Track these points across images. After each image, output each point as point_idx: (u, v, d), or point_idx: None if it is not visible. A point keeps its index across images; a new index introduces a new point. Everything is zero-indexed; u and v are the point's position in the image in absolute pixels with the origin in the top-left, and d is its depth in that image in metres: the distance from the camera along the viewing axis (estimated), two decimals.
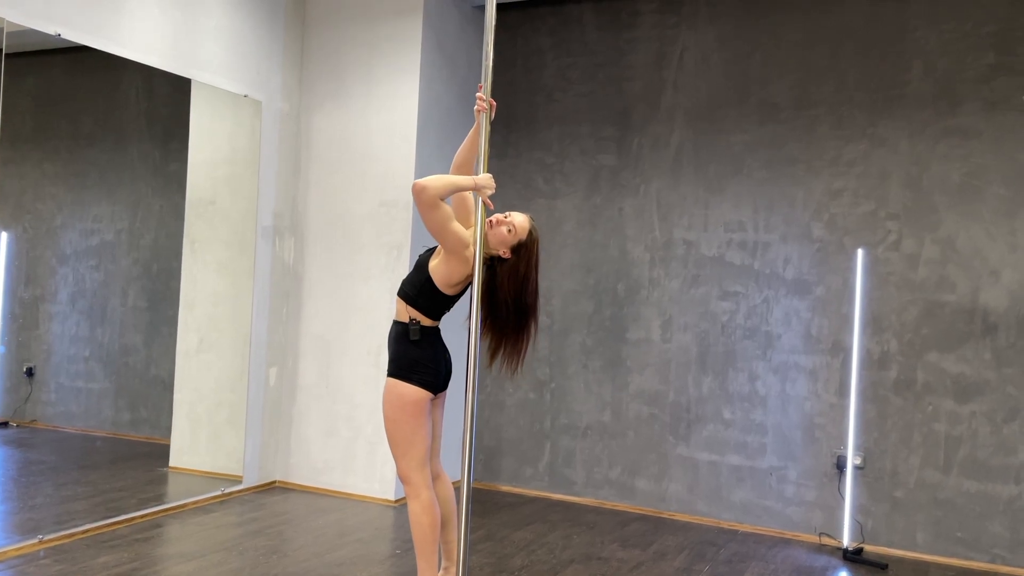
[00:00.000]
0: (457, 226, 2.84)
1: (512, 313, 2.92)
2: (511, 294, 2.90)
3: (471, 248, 2.87)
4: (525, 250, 2.91)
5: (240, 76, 4.63)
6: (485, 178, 2.83)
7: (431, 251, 3.02)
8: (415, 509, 2.95)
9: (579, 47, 5.12)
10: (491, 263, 2.92)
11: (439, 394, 3.04)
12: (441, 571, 3.18)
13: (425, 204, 2.75)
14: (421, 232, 4.77)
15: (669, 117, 4.89)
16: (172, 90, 4.60)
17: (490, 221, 2.88)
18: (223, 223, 4.84)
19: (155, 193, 4.78)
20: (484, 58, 2.78)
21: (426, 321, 2.95)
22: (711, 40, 4.80)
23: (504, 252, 2.90)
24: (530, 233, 2.92)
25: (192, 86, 4.49)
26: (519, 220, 2.92)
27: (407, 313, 2.95)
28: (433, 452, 3.10)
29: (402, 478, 2.97)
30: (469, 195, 3.02)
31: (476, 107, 2.84)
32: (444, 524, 3.10)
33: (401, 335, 2.96)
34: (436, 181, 2.77)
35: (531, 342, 3.01)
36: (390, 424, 2.94)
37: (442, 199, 2.78)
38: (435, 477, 3.10)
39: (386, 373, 2.97)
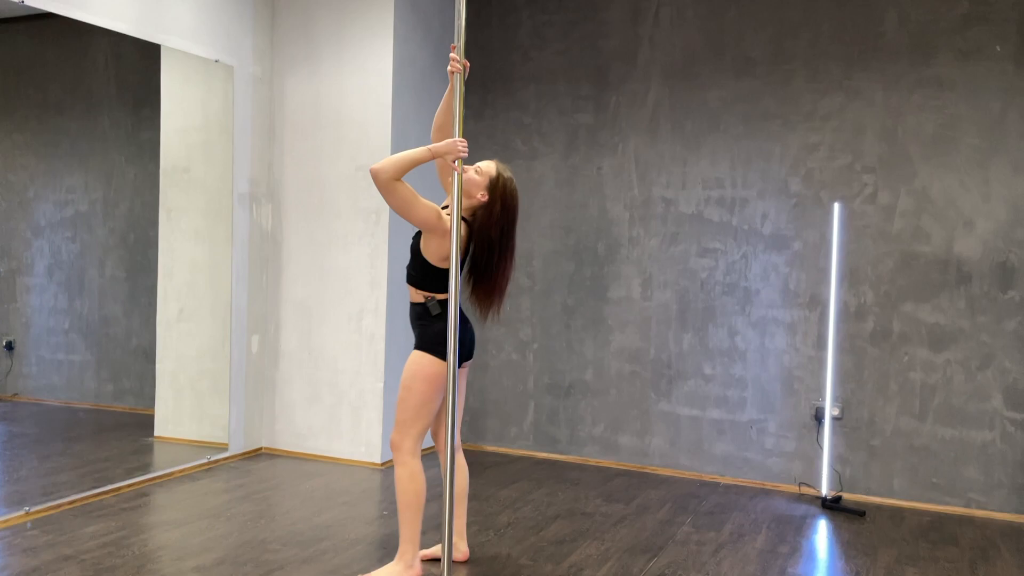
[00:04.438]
0: (422, 202, 2.86)
1: (496, 251, 3.00)
2: (495, 230, 2.99)
3: (444, 217, 2.90)
4: (499, 186, 2.99)
5: (210, 41, 4.56)
6: (444, 145, 2.80)
7: (419, 233, 3.02)
8: (402, 475, 3.00)
9: (554, 4, 5.07)
10: (474, 214, 2.99)
11: (463, 365, 3.09)
12: (437, 546, 3.24)
13: (382, 188, 2.81)
14: None
15: (645, 74, 4.87)
16: (141, 56, 4.52)
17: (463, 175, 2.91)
18: (199, 191, 4.80)
19: (128, 161, 4.73)
20: (457, 16, 2.75)
21: (441, 296, 2.99)
22: None
23: (482, 195, 2.98)
24: (497, 170, 3.02)
25: (162, 52, 4.42)
26: (484, 163, 3.04)
27: (420, 294, 3.01)
28: (453, 425, 3.14)
29: (393, 444, 3.01)
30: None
31: (449, 68, 2.81)
32: (459, 499, 3.16)
33: (422, 314, 3.03)
34: (388, 163, 2.80)
35: (510, 276, 3.11)
36: (404, 392, 3.01)
37: (398, 179, 2.81)
38: (456, 449, 3.10)
39: (413, 347, 3.04)
